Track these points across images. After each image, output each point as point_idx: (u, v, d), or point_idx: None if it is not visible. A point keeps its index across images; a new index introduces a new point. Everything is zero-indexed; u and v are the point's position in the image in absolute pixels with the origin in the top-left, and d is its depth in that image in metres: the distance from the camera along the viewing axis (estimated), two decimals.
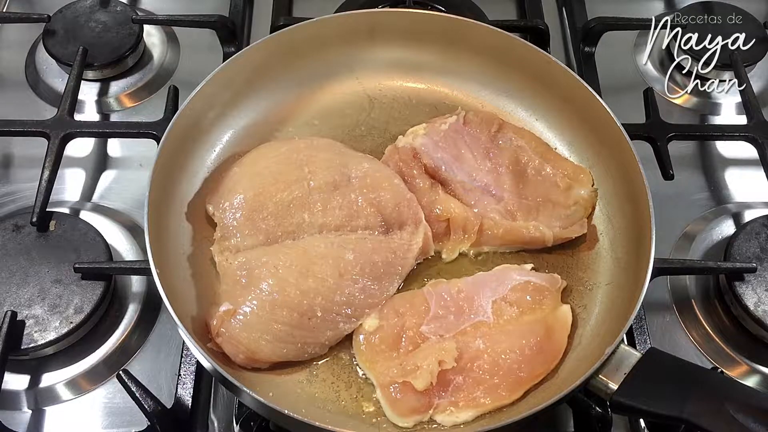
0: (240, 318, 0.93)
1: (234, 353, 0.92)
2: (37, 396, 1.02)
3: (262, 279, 0.95)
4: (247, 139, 1.14)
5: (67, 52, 1.30)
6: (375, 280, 0.99)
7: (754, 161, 1.23)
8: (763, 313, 1.05)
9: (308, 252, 0.98)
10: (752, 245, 1.11)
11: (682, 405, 0.82)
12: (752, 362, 1.07)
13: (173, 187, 1.05)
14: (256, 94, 1.16)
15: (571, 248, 1.07)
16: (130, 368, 1.00)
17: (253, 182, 1.04)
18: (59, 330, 1.01)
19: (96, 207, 1.19)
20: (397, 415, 0.91)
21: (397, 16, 1.20)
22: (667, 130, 1.22)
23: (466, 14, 1.31)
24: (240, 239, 1.00)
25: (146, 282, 1.10)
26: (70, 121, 1.19)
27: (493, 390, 0.91)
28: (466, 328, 0.96)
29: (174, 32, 1.43)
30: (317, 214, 1.02)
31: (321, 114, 1.19)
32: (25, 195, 1.20)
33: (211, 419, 1.01)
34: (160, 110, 1.23)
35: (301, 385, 0.94)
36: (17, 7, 1.48)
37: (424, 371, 0.90)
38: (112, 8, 1.37)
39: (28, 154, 1.25)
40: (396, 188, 1.05)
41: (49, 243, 1.08)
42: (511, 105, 1.21)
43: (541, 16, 1.43)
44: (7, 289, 1.04)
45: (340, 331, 0.96)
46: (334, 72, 1.21)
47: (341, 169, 1.06)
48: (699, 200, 1.25)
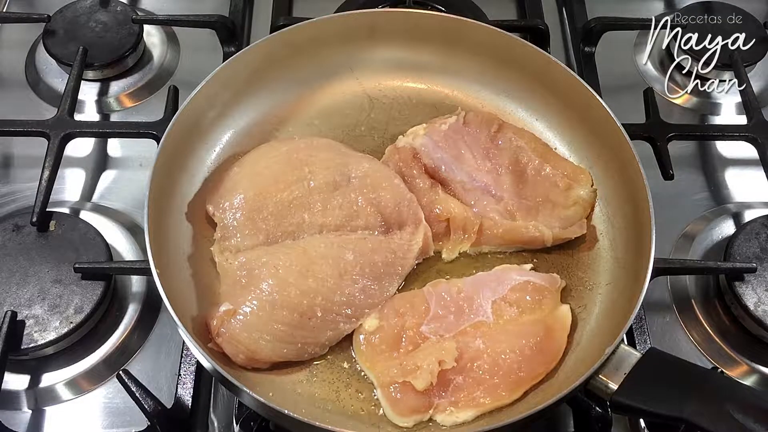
0: (240, 318, 0.93)
1: (234, 353, 0.92)
2: (37, 396, 1.02)
3: (262, 279, 0.95)
4: (247, 139, 1.14)
5: (67, 52, 1.30)
6: (375, 280, 0.99)
7: (754, 161, 1.23)
8: (763, 313, 1.05)
9: (308, 252, 0.98)
10: (752, 245, 1.11)
11: (682, 405, 0.82)
12: (752, 362, 1.07)
13: (173, 187, 1.05)
14: (256, 94, 1.16)
15: (570, 248, 1.07)
16: (130, 368, 1.00)
17: (253, 182, 1.04)
18: (59, 330, 1.01)
19: (96, 207, 1.19)
20: (397, 415, 0.91)
21: (397, 16, 1.20)
22: (667, 130, 1.22)
23: (466, 14, 1.31)
24: (240, 239, 1.00)
25: (146, 282, 1.10)
26: (70, 121, 1.19)
27: (493, 390, 0.91)
28: (466, 328, 0.96)
29: (174, 32, 1.43)
30: (317, 214, 1.02)
31: (321, 114, 1.19)
32: (25, 195, 1.20)
33: (211, 419, 1.01)
34: (160, 110, 1.23)
35: (301, 385, 0.94)
36: (17, 7, 1.48)
37: (424, 371, 0.90)
38: (112, 8, 1.37)
39: (28, 154, 1.25)
40: (396, 188, 1.05)
41: (49, 243, 1.08)
42: (511, 105, 1.21)
43: (541, 16, 1.43)
44: (7, 289, 1.04)
45: (340, 331, 0.96)
46: (334, 72, 1.21)
47: (341, 169, 1.06)
48: (699, 200, 1.25)
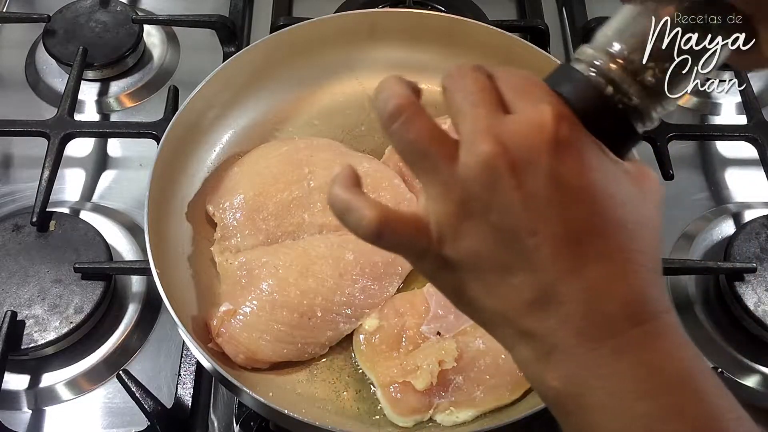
0: (240, 318, 0.93)
1: (234, 353, 0.92)
2: (37, 396, 1.02)
3: (262, 279, 0.95)
4: (247, 139, 1.14)
5: (67, 52, 1.30)
6: (375, 280, 0.99)
7: (754, 161, 1.23)
8: (763, 313, 1.05)
9: (308, 252, 0.98)
10: (752, 245, 1.11)
11: None
12: (752, 362, 1.07)
13: (173, 187, 1.05)
14: (256, 94, 1.16)
15: None
16: (130, 368, 0.99)
17: (254, 182, 1.04)
18: (59, 330, 1.01)
19: (96, 207, 1.19)
20: (397, 415, 0.91)
21: (397, 16, 1.20)
22: (667, 130, 1.22)
23: (466, 14, 1.31)
24: (240, 239, 1.00)
25: (146, 282, 1.10)
26: (70, 121, 1.19)
27: (493, 390, 0.91)
28: (466, 328, 0.96)
29: (174, 32, 1.43)
30: (317, 214, 1.02)
31: (321, 114, 1.19)
32: (25, 195, 1.20)
33: (211, 419, 1.01)
34: (160, 110, 1.23)
35: (301, 385, 0.94)
36: (17, 7, 1.48)
37: (424, 371, 0.90)
38: (112, 8, 1.37)
39: (28, 154, 1.24)
40: (396, 188, 1.05)
41: (49, 243, 1.08)
42: None
43: (541, 16, 1.43)
44: (7, 289, 1.04)
45: (340, 331, 0.96)
46: (334, 72, 1.21)
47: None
48: (699, 200, 1.25)
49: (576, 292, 0.49)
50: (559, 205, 0.48)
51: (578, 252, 0.49)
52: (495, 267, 0.51)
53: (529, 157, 0.48)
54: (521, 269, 0.50)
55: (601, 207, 0.49)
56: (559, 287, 0.49)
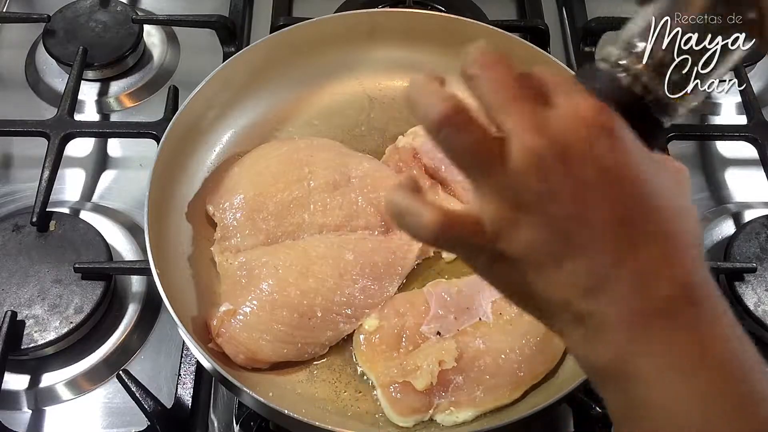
0: (240, 318, 0.93)
1: (234, 353, 0.92)
2: (37, 396, 1.02)
3: (263, 279, 0.95)
4: (247, 139, 1.14)
5: (67, 52, 1.30)
6: (375, 281, 0.99)
7: (754, 161, 1.23)
8: (763, 313, 1.05)
9: (308, 252, 0.98)
10: (752, 245, 1.11)
11: None
12: None
13: (173, 187, 1.05)
14: (256, 94, 1.16)
15: None
16: (130, 368, 1.00)
17: (254, 182, 1.04)
18: (59, 330, 1.01)
19: (96, 207, 1.19)
20: (397, 415, 0.91)
21: (397, 16, 1.20)
22: (667, 130, 1.22)
23: (466, 14, 1.31)
24: (240, 239, 1.00)
25: (146, 282, 1.10)
26: (70, 121, 1.19)
27: (493, 390, 0.91)
28: (466, 328, 0.96)
29: (174, 32, 1.43)
30: (317, 214, 1.02)
31: (321, 114, 1.19)
32: (25, 195, 1.20)
33: (211, 419, 1.01)
34: (160, 110, 1.23)
35: (301, 385, 0.94)
36: (17, 7, 1.48)
37: (424, 371, 0.90)
38: (112, 8, 1.37)
39: (28, 154, 1.24)
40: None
41: (49, 243, 1.08)
42: None
43: (541, 16, 1.43)
44: (7, 289, 1.04)
45: (340, 331, 0.96)
46: (334, 72, 1.21)
47: (341, 169, 1.06)
48: (699, 200, 1.25)
49: (630, 274, 0.51)
50: (609, 191, 0.50)
51: (631, 235, 0.51)
52: (551, 256, 0.52)
53: (577, 147, 0.50)
54: (577, 255, 0.52)
55: (648, 192, 0.52)
56: (615, 270, 0.51)
